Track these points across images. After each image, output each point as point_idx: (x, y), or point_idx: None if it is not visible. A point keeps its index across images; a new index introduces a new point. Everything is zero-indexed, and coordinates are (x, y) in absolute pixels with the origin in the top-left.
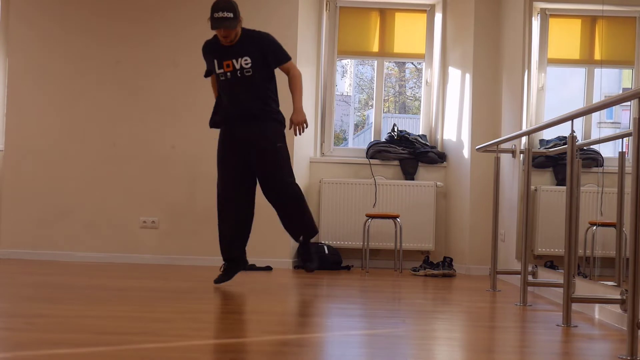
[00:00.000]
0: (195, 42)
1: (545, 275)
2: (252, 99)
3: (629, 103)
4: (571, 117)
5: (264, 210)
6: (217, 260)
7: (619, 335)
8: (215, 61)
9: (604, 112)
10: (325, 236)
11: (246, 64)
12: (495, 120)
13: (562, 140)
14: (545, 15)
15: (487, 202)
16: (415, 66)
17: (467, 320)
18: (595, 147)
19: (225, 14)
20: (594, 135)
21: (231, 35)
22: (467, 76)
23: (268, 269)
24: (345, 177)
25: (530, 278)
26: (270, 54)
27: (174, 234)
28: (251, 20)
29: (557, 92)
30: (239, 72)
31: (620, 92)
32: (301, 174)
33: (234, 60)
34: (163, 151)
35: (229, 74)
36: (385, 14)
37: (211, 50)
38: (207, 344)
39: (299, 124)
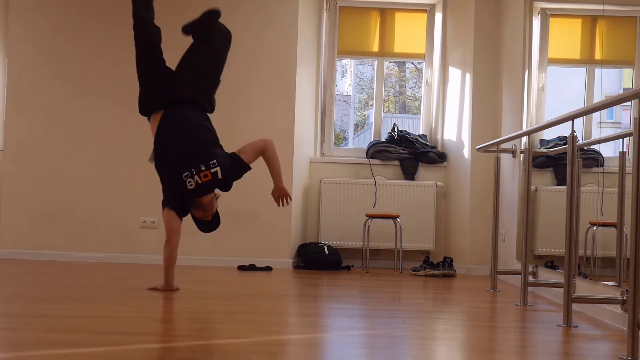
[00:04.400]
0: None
1: (545, 275)
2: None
3: (629, 103)
4: (571, 117)
5: (264, 211)
6: (217, 260)
7: (620, 336)
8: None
9: (604, 112)
10: (325, 236)
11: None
12: (495, 120)
13: (562, 140)
14: (546, 15)
15: (487, 202)
16: (416, 66)
17: (467, 320)
18: (595, 147)
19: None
20: (595, 135)
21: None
22: (467, 76)
23: (268, 269)
24: (345, 177)
25: (530, 278)
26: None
27: None
28: (251, 20)
29: (557, 92)
30: None
31: (621, 92)
32: (301, 174)
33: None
34: None
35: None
36: (385, 13)
37: None
38: (207, 344)
39: (283, 197)
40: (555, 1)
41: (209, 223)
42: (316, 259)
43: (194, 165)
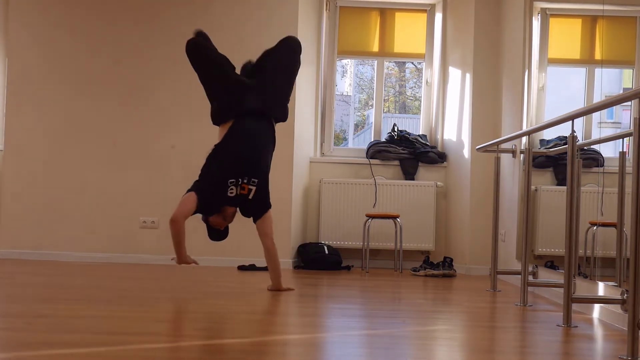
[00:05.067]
0: None
1: (545, 275)
2: None
3: (629, 103)
4: (571, 117)
5: None
6: (217, 261)
7: (620, 336)
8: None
9: (604, 112)
10: (325, 236)
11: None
12: (495, 120)
13: (562, 140)
14: (546, 15)
15: (487, 202)
16: (416, 66)
17: (467, 320)
18: (595, 147)
19: None
20: (595, 135)
21: None
22: (467, 76)
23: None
24: (345, 177)
25: (530, 278)
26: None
27: None
28: (251, 20)
29: (557, 92)
30: None
31: (621, 92)
32: (301, 174)
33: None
34: (163, 151)
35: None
36: (385, 13)
37: None
38: (207, 344)
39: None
40: (555, 1)
41: (218, 232)
42: (316, 259)
43: (241, 175)
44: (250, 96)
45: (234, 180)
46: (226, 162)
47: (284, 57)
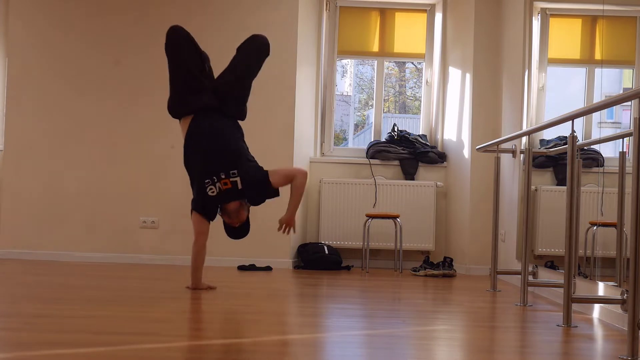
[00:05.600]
0: None
1: (545, 275)
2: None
3: (629, 103)
4: (571, 117)
5: (263, 211)
6: (217, 261)
7: (620, 336)
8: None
9: (604, 112)
10: (325, 236)
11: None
12: (495, 120)
13: (562, 140)
14: (546, 15)
15: (487, 202)
16: (416, 66)
17: (467, 320)
18: (595, 147)
19: None
20: (595, 135)
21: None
22: (467, 76)
23: (268, 269)
24: (345, 177)
25: (530, 278)
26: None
27: (174, 234)
28: (251, 20)
29: (557, 92)
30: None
31: (621, 92)
32: None
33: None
34: (163, 151)
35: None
36: (385, 13)
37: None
38: (207, 344)
39: (289, 226)
40: (555, 1)
41: (235, 230)
42: (316, 259)
43: (215, 173)
44: (206, 94)
45: (209, 180)
46: (197, 163)
47: (247, 57)
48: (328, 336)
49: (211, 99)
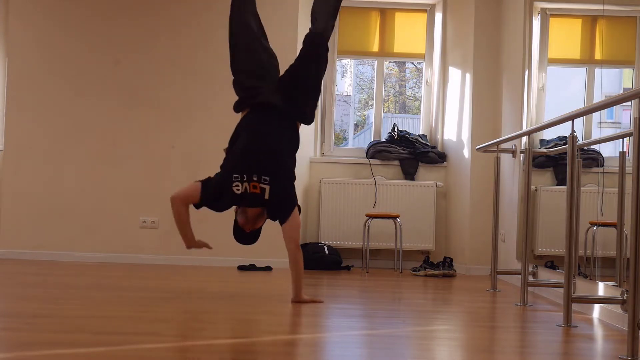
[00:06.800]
0: (194, 41)
1: (545, 275)
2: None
3: (629, 103)
4: (571, 117)
5: None
6: (217, 261)
7: (619, 336)
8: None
9: (604, 112)
10: (325, 236)
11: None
12: (495, 120)
13: (562, 140)
14: (546, 15)
15: (487, 202)
16: (416, 66)
17: (467, 320)
18: (595, 147)
19: None
20: (595, 135)
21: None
22: (467, 76)
23: (268, 269)
24: (345, 177)
25: (530, 278)
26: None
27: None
28: None
29: (557, 92)
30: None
31: (621, 92)
32: (301, 174)
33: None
34: (163, 151)
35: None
36: (385, 13)
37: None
38: (207, 344)
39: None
40: (555, 1)
41: (244, 234)
42: (316, 259)
43: (248, 172)
44: (269, 90)
45: (238, 176)
46: (234, 155)
47: (311, 63)
48: (328, 336)
49: (274, 96)
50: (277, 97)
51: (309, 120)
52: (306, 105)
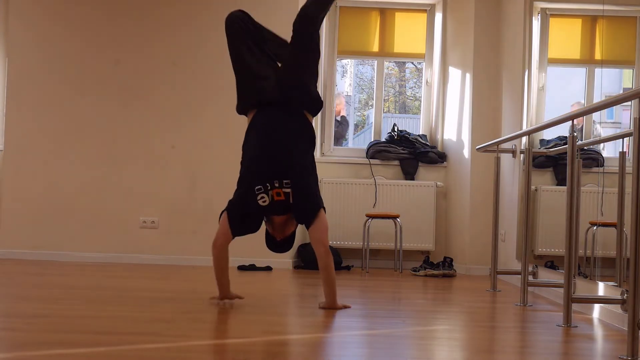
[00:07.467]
0: (194, 41)
1: (545, 275)
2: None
3: (629, 103)
4: (571, 117)
5: None
6: None
7: (619, 336)
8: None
9: (604, 112)
10: None
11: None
12: (495, 120)
13: (562, 140)
14: (546, 15)
15: (487, 202)
16: (416, 66)
17: (467, 320)
18: (595, 147)
19: None
20: (595, 135)
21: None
22: (467, 76)
23: (268, 269)
24: (345, 177)
25: (530, 278)
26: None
27: (174, 234)
28: None
29: (557, 92)
30: None
31: (621, 92)
32: None
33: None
34: (163, 151)
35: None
36: (385, 13)
37: None
38: (207, 344)
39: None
40: (555, 1)
41: (276, 243)
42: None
43: (269, 180)
44: (270, 84)
45: (261, 187)
46: (251, 164)
47: (302, 45)
48: (328, 336)
49: (275, 89)
50: (277, 92)
51: (313, 105)
52: (306, 93)
